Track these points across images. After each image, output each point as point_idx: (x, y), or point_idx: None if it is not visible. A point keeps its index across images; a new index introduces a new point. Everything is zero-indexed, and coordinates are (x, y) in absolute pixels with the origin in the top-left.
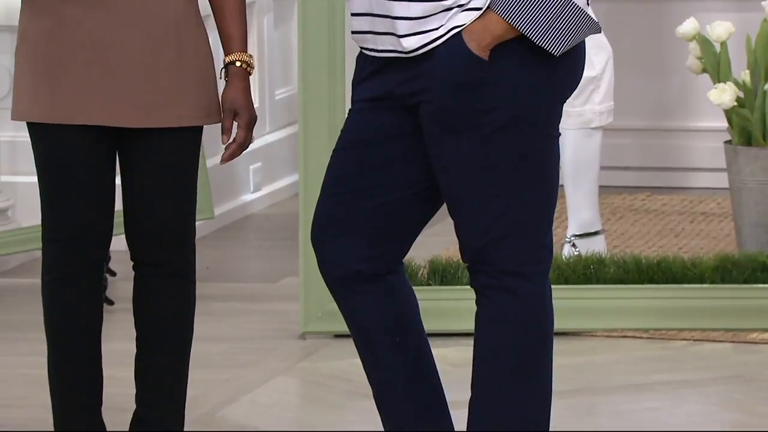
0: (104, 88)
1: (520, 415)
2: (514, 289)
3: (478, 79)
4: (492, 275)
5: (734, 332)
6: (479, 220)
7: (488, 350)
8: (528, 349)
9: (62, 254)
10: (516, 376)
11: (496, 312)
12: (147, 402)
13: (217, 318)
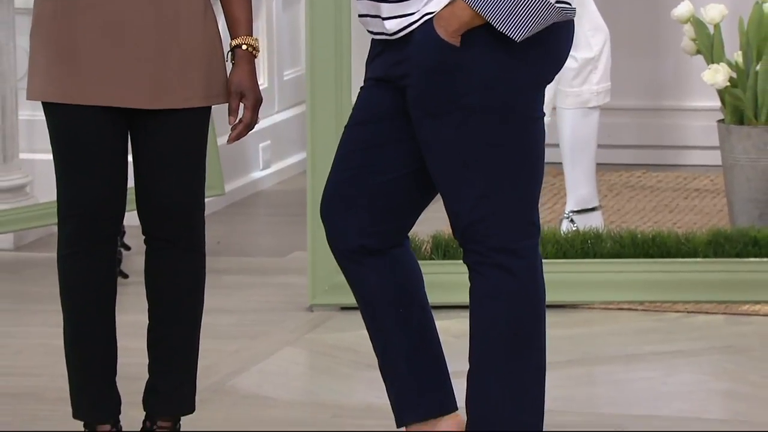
0: (115, 70)
1: (515, 386)
2: (504, 265)
3: (449, 64)
4: (481, 253)
5: (726, 304)
6: (462, 200)
7: (483, 325)
8: (521, 323)
9: (77, 229)
10: (510, 348)
11: (488, 287)
12: (159, 372)
13: (228, 291)
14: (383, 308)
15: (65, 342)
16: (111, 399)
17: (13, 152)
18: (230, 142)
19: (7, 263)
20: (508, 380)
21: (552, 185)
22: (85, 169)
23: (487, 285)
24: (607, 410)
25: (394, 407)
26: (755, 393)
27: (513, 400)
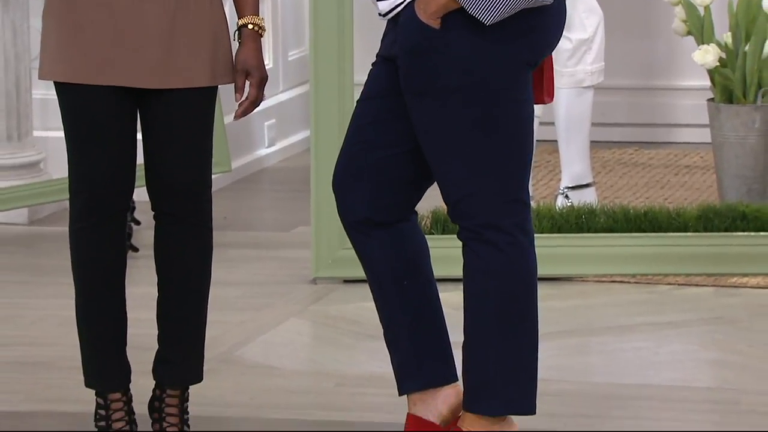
0: (123, 50)
1: (507, 359)
2: (494, 241)
3: (429, 46)
4: (470, 229)
5: (715, 277)
6: (447, 179)
7: (475, 299)
8: (512, 297)
9: (87, 204)
10: (502, 322)
11: (479, 263)
12: (169, 342)
13: (234, 264)
14: (388, 280)
15: (77, 313)
16: (121, 368)
17: (27, 130)
18: (237, 118)
19: (22, 237)
20: (500, 354)
21: (547, 162)
22: (96, 146)
23: (478, 260)
24: (600, 379)
25: (397, 376)
26: (743, 362)
27: (506, 373)
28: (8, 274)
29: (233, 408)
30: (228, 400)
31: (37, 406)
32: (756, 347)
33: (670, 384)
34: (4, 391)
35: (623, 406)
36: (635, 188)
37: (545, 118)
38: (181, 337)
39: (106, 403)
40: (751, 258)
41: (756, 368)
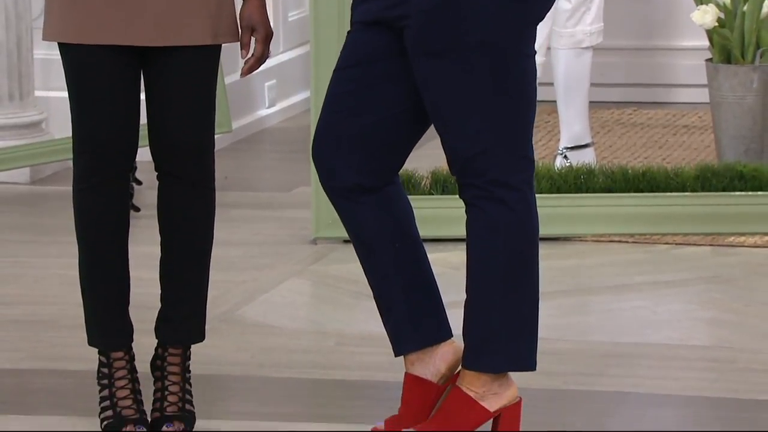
0: (125, 10)
1: (512, 316)
2: (502, 198)
3: (449, 3)
4: (480, 187)
5: (713, 236)
6: (461, 136)
7: (481, 257)
8: (518, 254)
9: (90, 164)
10: (507, 279)
11: (487, 220)
12: (171, 302)
13: (235, 224)
14: (381, 244)
15: (80, 273)
16: (124, 327)
17: (28, 90)
18: (243, 75)
19: (24, 197)
20: (506, 311)
21: (546, 123)
22: (98, 106)
23: (486, 218)
24: (598, 338)
25: (392, 338)
26: (739, 320)
27: (509, 330)
28: (11, 233)
29: (234, 367)
30: (229, 359)
31: (39, 364)
32: (753, 306)
33: (668, 342)
34: (7, 349)
35: (621, 365)
36: (634, 148)
37: (544, 79)
38: (183, 296)
39: (109, 362)
40: (748, 217)
41: (753, 327)
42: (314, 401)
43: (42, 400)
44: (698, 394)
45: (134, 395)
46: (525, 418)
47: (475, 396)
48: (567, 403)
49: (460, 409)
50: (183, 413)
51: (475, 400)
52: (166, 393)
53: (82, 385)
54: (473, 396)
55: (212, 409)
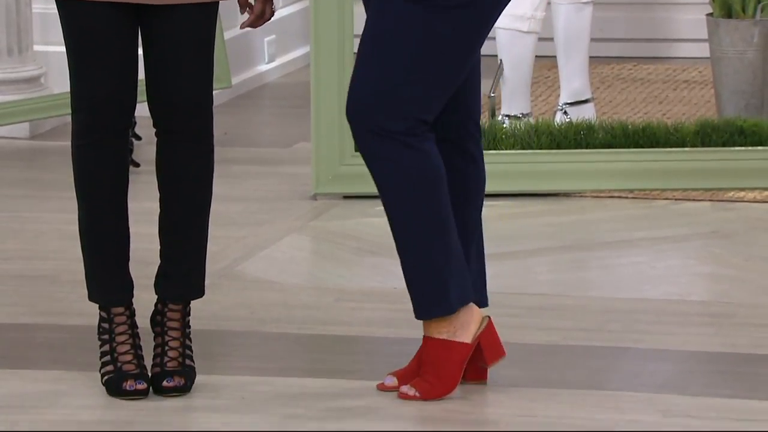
0: None
1: (417, 263)
2: (389, 150)
3: None
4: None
5: (712, 191)
6: (356, 78)
7: (392, 201)
8: (408, 202)
9: (89, 121)
10: (406, 228)
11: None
12: (170, 258)
13: (235, 180)
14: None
15: (80, 229)
16: (124, 283)
17: (27, 44)
18: (242, 27)
19: (23, 152)
20: (409, 260)
21: (546, 78)
22: (96, 63)
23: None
24: (597, 293)
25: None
26: (738, 275)
27: (424, 277)
28: (10, 188)
29: (234, 322)
30: (229, 315)
31: (40, 319)
32: (752, 261)
33: (667, 298)
34: (7, 303)
35: (620, 320)
36: (634, 104)
37: (544, 34)
38: (182, 252)
39: (109, 317)
40: (748, 172)
41: (751, 282)
42: (314, 357)
43: (42, 355)
44: (697, 349)
45: (135, 350)
46: (524, 373)
47: (448, 336)
48: (566, 358)
49: (441, 354)
50: (183, 368)
51: (449, 340)
52: (167, 348)
53: (82, 340)
54: (446, 338)
55: (212, 364)
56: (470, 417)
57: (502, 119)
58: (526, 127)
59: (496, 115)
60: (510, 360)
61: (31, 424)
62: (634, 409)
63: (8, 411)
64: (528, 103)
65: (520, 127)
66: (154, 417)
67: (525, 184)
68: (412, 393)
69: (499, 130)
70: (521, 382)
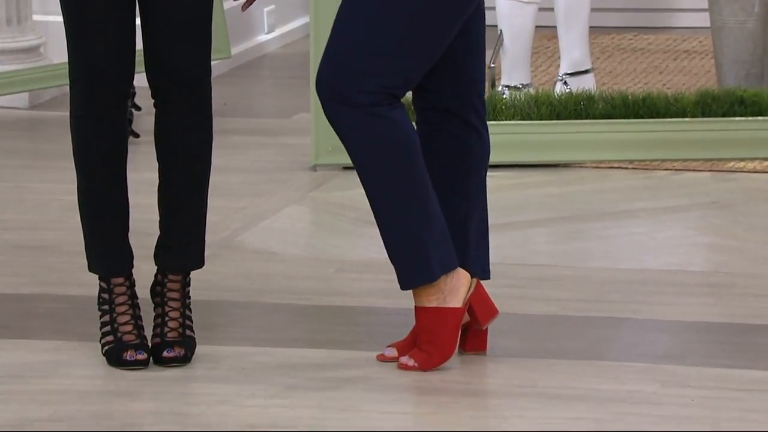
0: None
1: (395, 232)
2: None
3: None
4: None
5: (713, 162)
6: (327, 52)
7: (365, 172)
8: (383, 173)
9: (87, 92)
10: (389, 195)
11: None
12: (170, 229)
13: (235, 150)
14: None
15: (79, 200)
16: (123, 254)
17: (26, 14)
18: (243, 10)
19: (23, 122)
20: (386, 227)
21: (546, 48)
22: (94, 34)
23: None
24: (597, 264)
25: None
26: (737, 246)
27: (403, 247)
28: (10, 158)
29: (234, 293)
30: (229, 285)
31: (40, 289)
32: (751, 231)
33: (667, 268)
34: (8, 274)
35: (620, 291)
36: (634, 74)
37: (544, 4)
38: (181, 223)
39: (110, 288)
40: (748, 143)
41: (751, 252)
42: (314, 327)
43: (43, 325)
44: (696, 319)
45: (135, 321)
46: (523, 343)
47: (438, 304)
48: (565, 328)
49: (433, 323)
50: (183, 339)
51: (439, 307)
52: (167, 319)
53: (82, 310)
54: (436, 305)
55: (212, 334)
56: (470, 387)
57: (502, 90)
58: (526, 98)
59: (496, 85)
60: (509, 330)
61: (31, 395)
62: (633, 379)
63: (8, 381)
64: (528, 74)
65: (520, 97)
66: (154, 387)
67: (525, 154)
68: (411, 363)
69: (499, 101)
70: (520, 353)
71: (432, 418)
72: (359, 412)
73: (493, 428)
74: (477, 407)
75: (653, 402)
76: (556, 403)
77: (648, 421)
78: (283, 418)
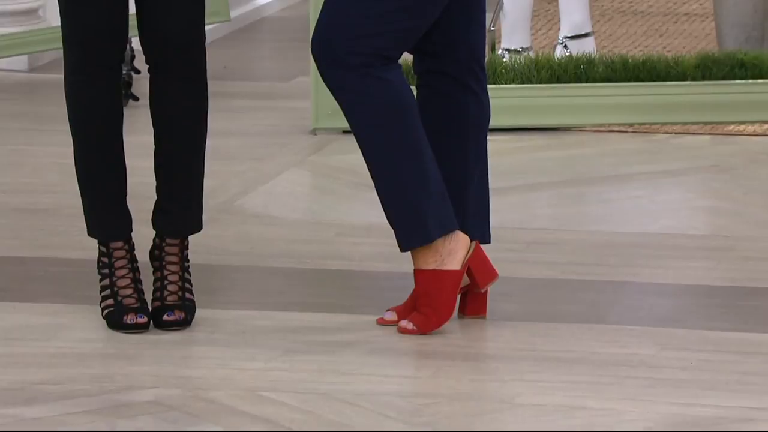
0: None
1: (392, 194)
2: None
3: None
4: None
5: (713, 125)
6: (323, 13)
7: (361, 133)
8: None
9: (80, 57)
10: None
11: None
12: (167, 194)
13: (235, 114)
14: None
15: (76, 166)
16: (122, 218)
17: None
18: None
19: (22, 84)
20: (384, 190)
21: (546, 11)
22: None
23: None
24: (597, 227)
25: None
26: (737, 209)
27: (401, 207)
28: (9, 121)
29: (234, 256)
30: (229, 249)
31: (40, 252)
32: (751, 194)
33: (666, 232)
34: (7, 237)
35: (619, 254)
36: (634, 37)
37: None
38: (178, 188)
39: (109, 252)
40: (748, 105)
41: (751, 215)
42: (314, 291)
43: (43, 288)
44: (696, 283)
45: (135, 284)
46: (523, 307)
47: (436, 266)
48: (565, 292)
49: (432, 285)
50: (183, 302)
51: (438, 270)
52: (166, 283)
53: (83, 274)
54: (434, 267)
55: (212, 298)
56: (470, 351)
57: (502, 53)
58: (526, 62)
59: (496, 49)
60: (509, 294)
61: (32, 358)
62: (633, 342)
63: (8, 344)
64: (528, 37)
65: (520, 61)
66: (154, 351)
67: (525, 118)
68: (410, 327)
69: (499, 65)
70: (520, 317)
71: (432, 382)
72: (359, 376)
73: (492, 392)
74: (477, 371)
75: (652, 365)
76: (555, 367)
77: (647, 383)
78: (283, 381)
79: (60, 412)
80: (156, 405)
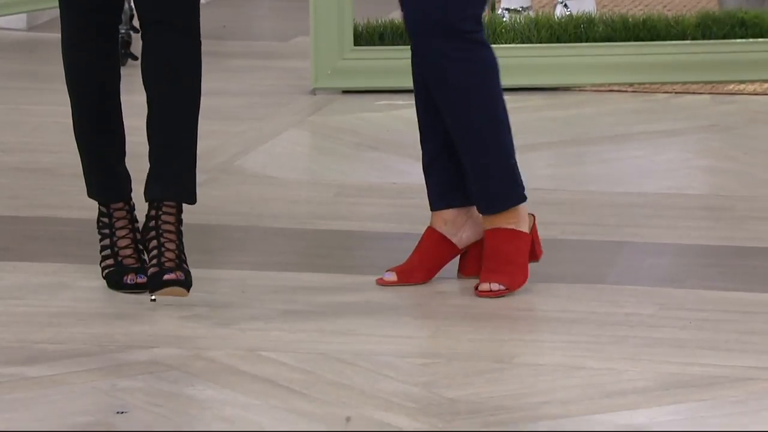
0: None
1: (487, 156)
2: None
3: None
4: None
5: (713, 84)
6: None
7: (466, 99)
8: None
9: (76, 20)
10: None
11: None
12: (160, 158)
13: (233, 74)
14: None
15: (74, 129)
16: (121, 179)
17: None
18: None
19: (21, 43)
20: (486, 151)
21: None
22: None
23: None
24: (597, 187)
25: (441, 189)
26: (736, 168)
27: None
28: (8, 80)
29: (233, 217)
30: (228, 209)
31: (40, 212)
32: (751, 154)
33: (666, 191)
34: (7, 196)
35: (619, 214)
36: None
37: None
38: (171, 151)
39: (109, 212)
40: (748, 65)
41: (750, 174)
42: (314, 251)
43: (43, 248)
44: (695, 243)
45: (135, 245)
46: None
47: (515, 226)
48: (565, 253)
49: (512, 244)
50: (181, 266)
51: (517, 230)
52: (163, 250)
53: (82, 233)
54: (514, 227)
55: (212, 258)
56: (469, 311)
57: (502, 13)
58: (525, 21)
59: (496, 8)
60: None
61: (32, 317)
62: (632, 302)
63: (9, 303)
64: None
65: (519, 20)
66: (153, 310)
67: (524, 78)
68: (497, 288)
69: (499, 24)
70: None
71: (431, 342)
72: (359, 336)
73: (491, 352)
74: (476, 331)
75: (651, 325)
76: (554, 326)
77: (646, 343)
78: (283, 341)
79: (60, 371)
80: (156, 364)
